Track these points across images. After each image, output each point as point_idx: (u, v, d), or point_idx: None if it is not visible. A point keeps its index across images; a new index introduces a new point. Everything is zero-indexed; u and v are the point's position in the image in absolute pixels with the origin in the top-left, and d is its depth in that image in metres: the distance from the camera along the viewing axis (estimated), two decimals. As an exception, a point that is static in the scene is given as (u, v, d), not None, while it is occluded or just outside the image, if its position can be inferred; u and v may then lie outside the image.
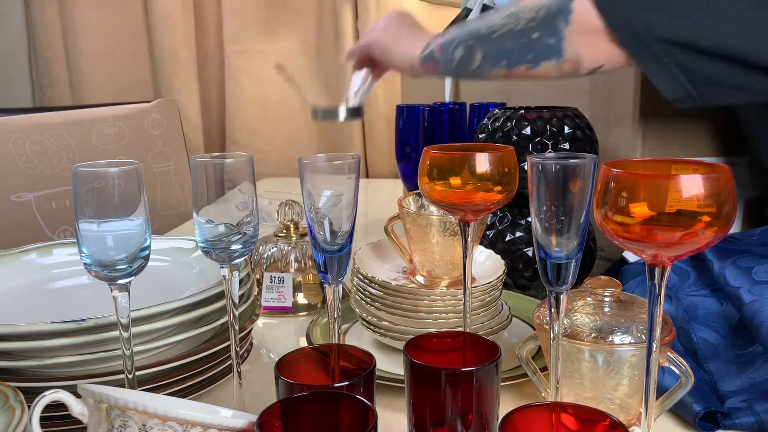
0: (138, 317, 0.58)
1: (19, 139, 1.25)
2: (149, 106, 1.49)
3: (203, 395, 0.63)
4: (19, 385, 0.54)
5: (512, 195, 0.57)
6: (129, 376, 0.52)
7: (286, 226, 0.93)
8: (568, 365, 0.55)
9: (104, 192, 0.48)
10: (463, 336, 0.53)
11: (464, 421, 0.46)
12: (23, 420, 0.48)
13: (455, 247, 0.70)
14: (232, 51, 1.93)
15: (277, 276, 0.88)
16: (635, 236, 0.41)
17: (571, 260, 0.47)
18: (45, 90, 2.04)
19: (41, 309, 0.70)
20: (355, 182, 0.52)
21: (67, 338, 0.56)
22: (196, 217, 0.52)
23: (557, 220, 0.46)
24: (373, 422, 0.40)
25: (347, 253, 0.54)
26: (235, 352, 0.56)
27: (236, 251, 0.53)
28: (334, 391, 0.46)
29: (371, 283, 0.71)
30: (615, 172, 0.41)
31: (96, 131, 1.38)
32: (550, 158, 0.46)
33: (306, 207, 0.52)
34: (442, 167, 0.56)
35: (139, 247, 0.50)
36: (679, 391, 0.55)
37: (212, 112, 2.04)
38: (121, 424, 0.43)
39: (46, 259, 0.78)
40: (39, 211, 1.27)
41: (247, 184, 0.52)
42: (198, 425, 0.42)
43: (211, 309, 0.63)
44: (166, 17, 1.90)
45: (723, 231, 0.40)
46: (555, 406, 0.43)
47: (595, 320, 0.55)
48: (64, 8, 1.98)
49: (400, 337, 0.68)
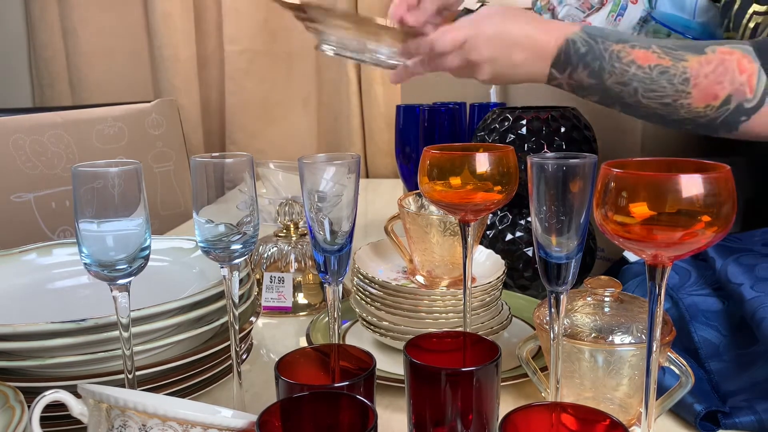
0: (138, 317, 0.58)
1: (19, 139, 1.25)
2: (149, 106, 1.49)
3: (203, 395, 0.63)
4: (19, 385, 0.54)
5: (512, 195, 0.57)
6: (129, 376, 0.52)
7: (286, 226, 0.93)
8: (568, 365, 0.55)
9: (104, 192, 0.48)
10: (463, 336, 0.53)
11: (464, 421, 0.46)
12: (23, 420, 0.48)
13: (455, 247, 0.70)
14: (232, 51, 1.93)
15: (277, 276, 0.88)
16: (635, 236, 0.41)
17: (571, 260, 0.47)
18: (45, 90, 2.04)
19: (41, 309, 0.70)
20: (355, 182, 0.52)
21: (67, 338, 0.56)
22: (196, 217, 0.52)
23: (557, 220, 0.46)
24: (373, 422, 0.40)
25: (347, 253, 0.54)
26: (235, 352, 0.56)
27: (236, 251, 0.53)
28: (334, 391, 0.46)
29: (371, 283, 0.71)
30: (615, 172, 0.41)
31: (96, 131, 1.38)
32: (550, 158, 0.46)
33: (306, 207, 0.52)
34: (442, 167, 0.56)
35: (139, 247, 0.50)
36: (679, 391, 0.55)
37: (212, 112, 2.04)
38: (121, 424, 0.43)
39: (46, 259, 0.78)
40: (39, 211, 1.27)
41: (247, 184, 0.52)
42: (198, 425, 0.42)
43: (211, 309, 0.63)
44: (166, 17, 1.90)
45: (723, 231, 0.40)
46: (555, 406, 0.43)
47: (595, 320, 0.55)
48: (64, 8, 1.98)
49: (400, 337, 0.68)
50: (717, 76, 0.63)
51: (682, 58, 0.64)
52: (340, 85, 1.91)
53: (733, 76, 0.63)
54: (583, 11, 1.02)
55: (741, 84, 0.63)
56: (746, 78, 0.63)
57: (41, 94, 2.05)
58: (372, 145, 1.91)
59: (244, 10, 1.90)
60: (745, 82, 0.63)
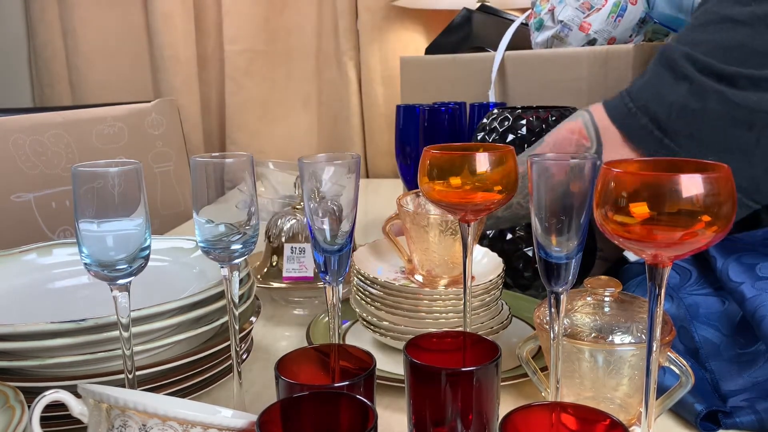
0: (138, 317, 0.58)
1: (19, 139, 1.25)
2: (149, 106, 1.49)
3: (203, 395, 0.63)
4: (19, 385, 0.54)
5: (512, 195, 0.57)
6: (129, 376, 0.52)
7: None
8: (568, 365, 0.55)
9: (104, 192, 0.48)
10: (463, 336, 0.53)
11: (464, 421, 0.46)
12: (23, 420, 0.48)
13: (454, 246, 0.70)
14: (232, 51, 1.93)
15: (297, 247, 0.88)
16: (635, 236, 0.41)
17: (571, 260, 0.47)
18: (45, 90, 2.03)
19: (41, 309, 0.70)
20: (355, 182, 0.52)
21: (67, 338, 0.56)
22: (196, 217, 0.52)
23: (557, 220, 0.46)
24: (373, 422, 0.40)
25: (347, 253, 0.54)
26: (235, 352, 0.56)
27: (236, 251, 0.53)
28: (334, 391, 0.46)
29: (372, 284, 0.71)
30: (615, 172, 0.41)
31: (96, 131, 1.38)
32: (550, 158, 0.46)
33: (306, 207, 0.52)
34: (442, 167, 0.56)
35: (139, 247, 0.50)
36: (680, 391, 0.55)
37: (212, 112, 2.04)
38: (121, 424, 0.43)
39: (46, 259, 0.78)
40: (39, 211, 1.27)
41: (247, 184, 0.52)
42: (198, 425, 0.42)
43: (211, 309, 0.63)
44: (166, 17, 1.90)
45: (723, 231, 0.40)
46: (555, 406, 0.43)
47: (595, 320, 0.55)
48: (64, 8, 1.97)
49: (400, 337, 0.68)
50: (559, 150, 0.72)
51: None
52: (340, 85, 1.91)
53: (569, 141, 0.71)
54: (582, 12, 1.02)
55: (577, 140, 0.71)
56: (577, 135, 0.71)
57: (41, 94, 2.04)
58: (372, 145, 1.91)
59: (244, 10, 1.90)
60: (579, 137, 0.71)
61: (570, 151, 0.70)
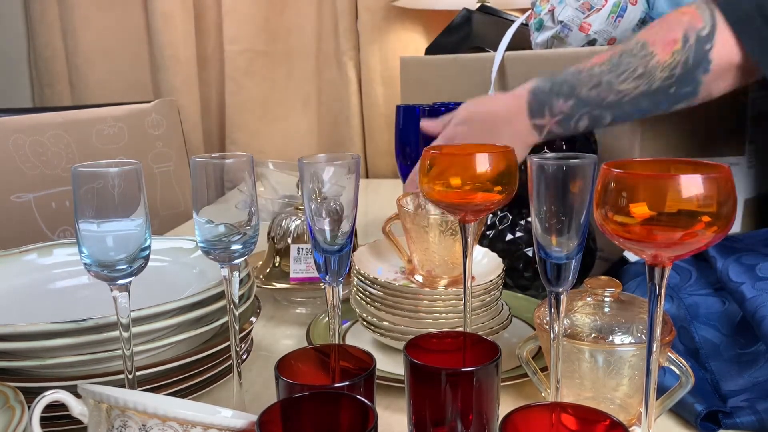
0: (138, 317, 0.58)
1: (19, 139, 1.25)
2: (149, 106, 1.49)
3: (203, 395, 0.63)
4: (19, 385, 0.54)
5: (512, 195, 0.57)
6: (129, 376, 0.52)
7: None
8: (568, 365, 0.55)
9: (104, 192, 0.48)
10: (463, 336, 0.53)
11: (464, 421, 0.46)
12: (23, 420, 0.48)
13: (454, 246, 0.70)
14: (232, 51, 1.93)
15: (304, 248, 0.88)
16: (635, 236, 0.41)
17: (571, 260, 0.47)
18: (45, 90, 2.03)
19: (41, 309, 0.70)
20: (355, 182, 0.52)
21: (67, 338, 0.56)
22: (196, 217, 0.52)
23: (557, 220, 0.46)
24: (373, 422, 0.40)
25: (347, 253, 0.54)
26: (235, 352, 0.56)
27: (236, 251, 0.53)
28: (334, 391, 0.46)
29: (372, 284, 0.71)
30: (615, 172, 0.41)
31: (96, 131, 1.38)
32: (550, 158, 0.46)
33: (306, 207, 0.52)
34: (442, 167, 0.56)
35: (139, 247, 0.50)
36: (680, 391, 0.55)
37: (212, 112, 2.04)
38: (121, 424, 0.43)
39: (46, 259, 0.78)
40: (39, 211, 1.27)
41: (247, 184, 0.52)
42: (198, 425, 0.42)
43: (211, 309, 0.63)
44: (166, 17, 1.90)
45: (723, 231, 0.40)
46: (555, 406, 0.43)
47: (595, 320, 0.55)
48: (64, 8, 1.97)
49: (400, 337, 0.68)
50: (666, 27, 0.70)
51: (630, 38, 0.71)
52: (340, 85, 1.91)
53: (678, 20, 0.69)
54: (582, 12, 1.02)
55: (688, 21, 0.69)
56: (689, 16, 0.69)
57: (41, 94, 2.04)
58: (372, 145, 1.91)
59: (244, 10, 1.90)
60: (691, 18, 0.69)
61: (677, 35, 0.69)
